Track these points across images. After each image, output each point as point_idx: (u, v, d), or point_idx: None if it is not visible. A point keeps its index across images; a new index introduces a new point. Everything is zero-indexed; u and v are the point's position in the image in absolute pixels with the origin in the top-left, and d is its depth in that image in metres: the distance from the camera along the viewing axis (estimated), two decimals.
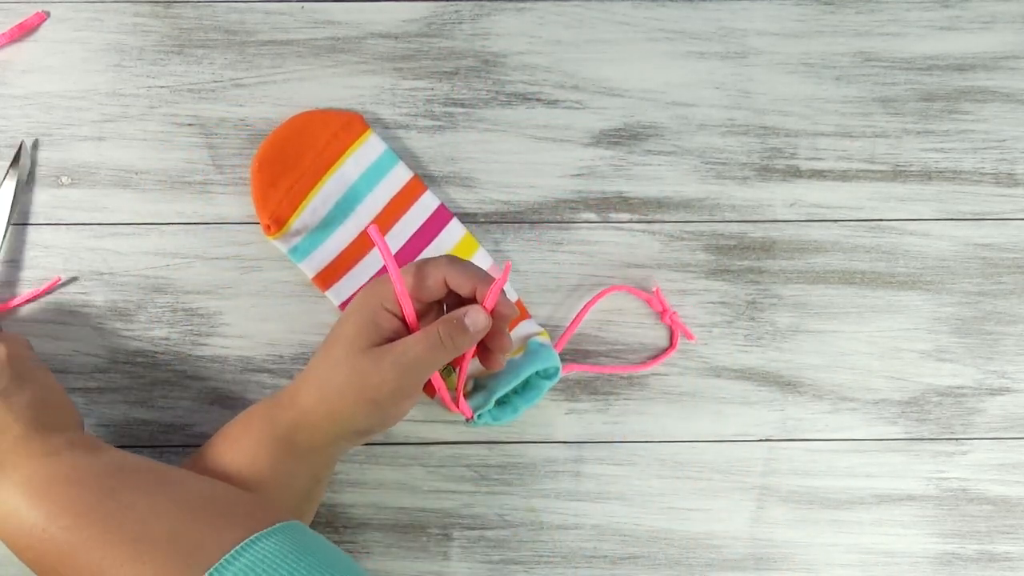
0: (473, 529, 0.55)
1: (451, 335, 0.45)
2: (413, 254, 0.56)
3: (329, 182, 0.56)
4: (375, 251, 0.55)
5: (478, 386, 0.54)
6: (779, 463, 0.56)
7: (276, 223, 0.55)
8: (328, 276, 0.55)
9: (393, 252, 0.55)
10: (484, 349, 0.48)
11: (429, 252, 0.56)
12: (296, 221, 0.55)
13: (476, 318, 0.45)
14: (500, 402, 0.54)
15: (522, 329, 0.55)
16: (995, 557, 0.55)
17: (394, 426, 0.49)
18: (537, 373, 0.54)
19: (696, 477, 0.56)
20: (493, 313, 0.45)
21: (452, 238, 0.56)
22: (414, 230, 0.56)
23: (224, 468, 0.47)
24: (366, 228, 0.47)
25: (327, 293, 0.55)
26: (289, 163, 0.56)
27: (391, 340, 0.45)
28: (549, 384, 0.54)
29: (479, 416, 0.53)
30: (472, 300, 0.46)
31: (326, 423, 0.46)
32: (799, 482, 0.56)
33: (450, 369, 0.51)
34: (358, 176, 0.56)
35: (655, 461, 0.56)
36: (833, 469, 0.56)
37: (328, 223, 0.56)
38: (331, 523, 0.55)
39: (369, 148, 0.56)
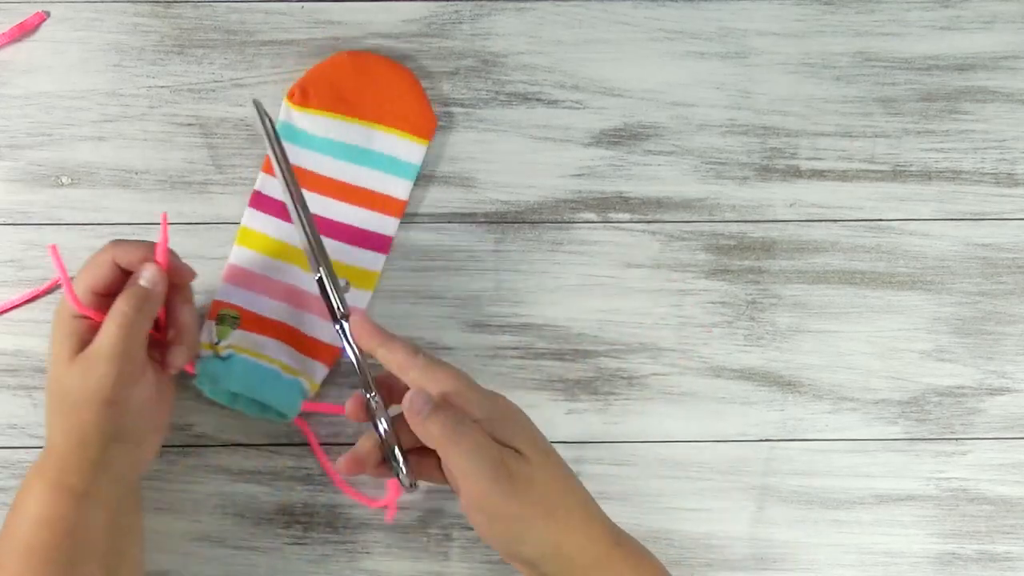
0: (473, 529, 0.55)
1: (133, 303, 0.44)
2: (339, 234, 0.55)
3: (362, 127, 0.56)
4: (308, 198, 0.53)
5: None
6: (779, 463, 0.56)
7: (301, 96, 0.56)
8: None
9: (330, 221, 0.55)
10: (170, 312, 0.48)
11: (341, 253, 0.55)
12: (311, 115, 0.55)
13: (147, 274, 0.45)
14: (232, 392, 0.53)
15: (311, 369, 0.54)
16: (995, 557, 0.55)
17: (164, 430, 0.49)
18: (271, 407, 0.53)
19: (696, 477, 0.56)
20: (167, 268, 0.46)
21: (365, 262, 0.55)
22: (355, 226, 0.55)
23: (15, 536, 0.45)
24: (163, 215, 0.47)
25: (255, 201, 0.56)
26: (361, 82, 0.56)
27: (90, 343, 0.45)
28: (273, 416, 0.53)
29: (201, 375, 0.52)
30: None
31: (84, 449, 0.45)
32: (799, 482, 0.56)
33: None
34: (381, 152, 0.56)
35: (655, 461, 0.56)
36: (833, 469, 0.56)
37: (326, 145, 0.55)
38: (331, 523, 0.55)
39: (412, 149, 0.56)
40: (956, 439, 0.56)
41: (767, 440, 0.56)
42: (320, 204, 0.55)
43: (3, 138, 0.57)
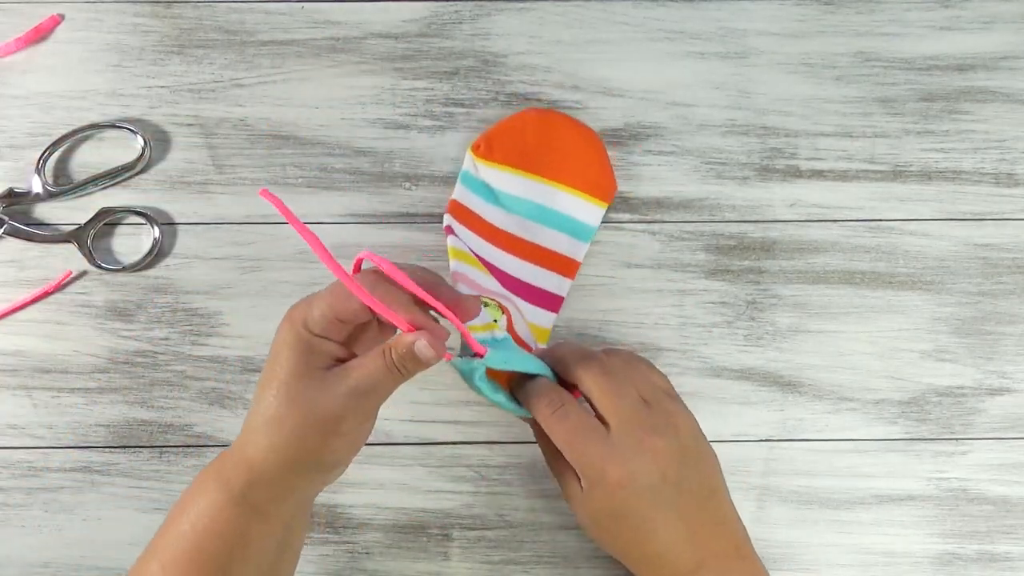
0: (473, 529, 0.55)
1: (403, 362, 0.40)
2: (513, 288, 0.53)
3: (545, 186, 0.56)
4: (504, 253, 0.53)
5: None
6: (779, 463, 0.56)
7: (486, 149, 0.55)
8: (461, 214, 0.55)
9: (499, 278, 0.53)
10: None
11: (514, 309, 0.52)
12: (492, 169, 0.55)
13: (426, 351, 0.40)
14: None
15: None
16: (995, 557, 0.55)
17: (352, 459, 0.45)
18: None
19: None
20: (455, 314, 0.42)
21: (535, 318, 0.54)
22: (530, 283, 0.54)
23: (186, 547, 0.42)
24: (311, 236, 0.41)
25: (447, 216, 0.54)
26: (547, 141, 0.55)
27: (331, 366, 0.41)
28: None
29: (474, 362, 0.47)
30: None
31: (284, 472, 0.41)
32: (799, 482, 0.56)
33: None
34: (563, 212, 0.55)
35: None
36: (833, 469, 0.56)
37: (506, 199, 0.54)
38: (331, 523, 0.55)
39: (592, 211, 0.56)
40: (956, 439, 0.56)
41: (767, 440, 0.56)
42: (496, 257, 0.55)
43: (3, 138, 0.57)
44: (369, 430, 0.44)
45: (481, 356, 0.44)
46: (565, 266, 0.55)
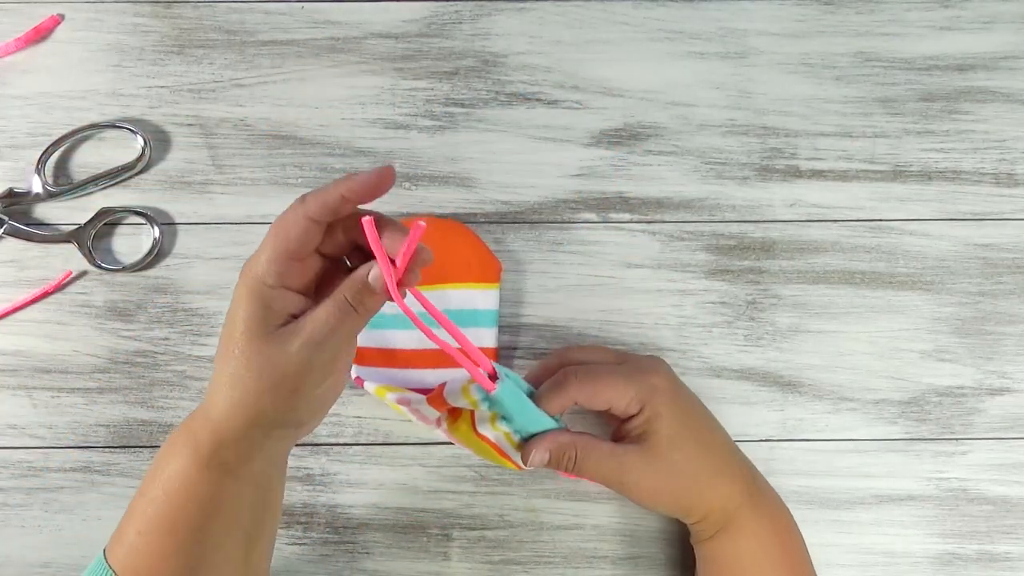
0: (473, 529, 0.55)
1: (359, 299, 0.40)
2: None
3: (434, 291, 0.55)
4: (421, 371, 0.54)
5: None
6: (779, 463, 0.56)
7: None
8: (367, 357, 0.54)
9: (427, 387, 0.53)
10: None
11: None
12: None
13: (376, 273, 0.39)
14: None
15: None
16: (995, 557, 0.55)
17: (326, 413, 0.45)
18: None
19: None
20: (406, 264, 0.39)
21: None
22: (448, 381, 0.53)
23: (160, 511, 0.41)
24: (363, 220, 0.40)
25: (354, 366, 0.54)
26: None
27: (287, 322, 0.40)
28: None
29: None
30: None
31: (250, 430, 0.41)
32: (799, 482, 0.56)
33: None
34: (459, 308, 0.55)
35: None
36: (833, 469, 0.56)
37: (403, 319, 0.52)
38: (331, 523, 0.55)
39: (486, 297, 0.55)
40: (956, 439, 0.56)
41: (767, 440, 0.56)
42: (416, 377, 0.54)
43: (3, 138, 0.57)
44: (337, 387, 0.43)
45: (490, 390, 0.44)
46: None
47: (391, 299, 0.40)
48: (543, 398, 0.47)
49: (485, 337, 0.55)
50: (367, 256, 0.41)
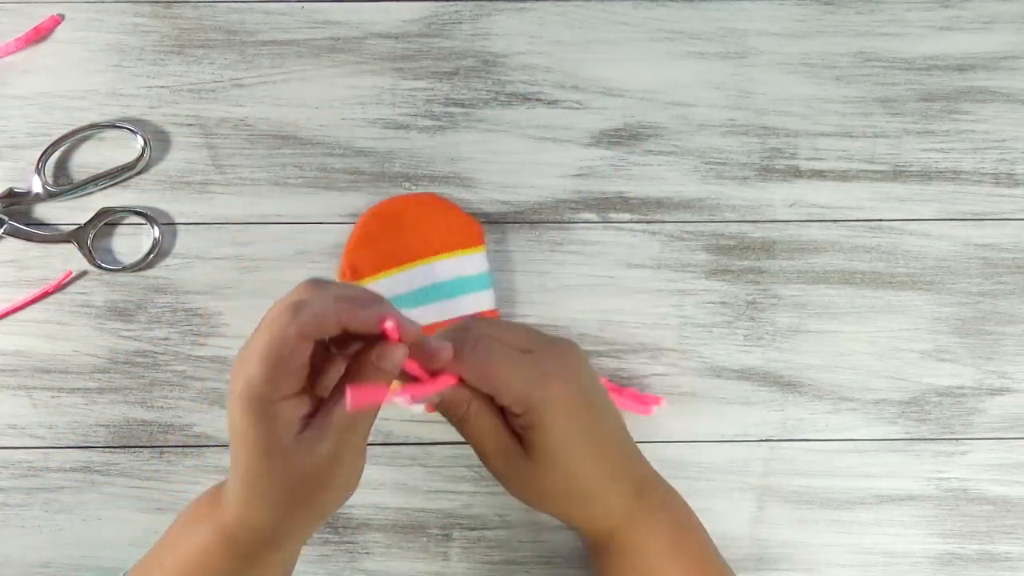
0: (473, 529, 0.55)
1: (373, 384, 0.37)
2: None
3: (421, 267, 0.55)
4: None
5: None
6: (779, 463, 0.56)
7: (352, 273, 0.55)
8: None
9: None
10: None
11: None
12: (371, 283, 0.55)
13: (390, 355, 0.37)
14: None
15: None
16: (995, 557, 0.55)
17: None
18: None
19: (696, 477, 0.56)
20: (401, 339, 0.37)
21: None
22: None
23: None
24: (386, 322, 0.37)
25: None
26: (396, 230, 0.55)
27: (301, 429, 0.38)
28: None
29: None
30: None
31: (279, 527, 0.40)
32: (799, 482, 0.56)
33: None
34: (450, 278, 0.55)
35: (655, 461, 0.55)
36: (833, 469, 0.56)
37: (397, 303, 0.53)
38: (331, 523, 0.55)
39: (473, 261, 0.55)
40: (956, 439, 0.56)
41: (767, 440, 0.56)
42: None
43: (3, 138, 0.57)
44: (362, 466, 0.41)
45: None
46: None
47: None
48: (426, 343, 0.39)
49: (483, 300, 0.55)
50: (348, 338, 0.38)
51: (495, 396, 0.41)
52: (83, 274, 0.56)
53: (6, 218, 0.55)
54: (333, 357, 0.40)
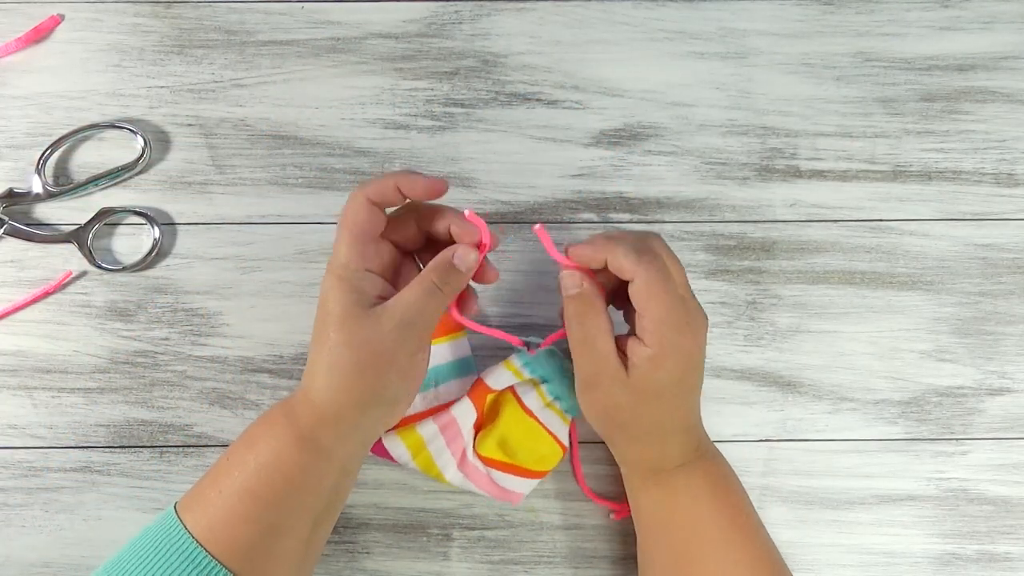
0: (473, 529, 0.55)
1: (444, 279, 0.43)
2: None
3: (460, 339, 0.56)
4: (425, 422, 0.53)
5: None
6: (779, 463, 0.56)
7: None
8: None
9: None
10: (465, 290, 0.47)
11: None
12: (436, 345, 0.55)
13: (465, 256, 0.44)
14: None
15: None
16: (995, 557, 0.55)
17: (415, 394, 0.47)
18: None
19: None
20: (480, 247, 0.44)
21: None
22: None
23: (247, 476, 0.44)
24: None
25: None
26: None
27: (375, 303, 0.43)
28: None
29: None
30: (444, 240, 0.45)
31: (349, 410, 0.44)
32: (799, 482, 0.56)
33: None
34: (442, 363, 0.55)
35: None
36: (833, 469, 0.56)
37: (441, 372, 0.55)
38: None
39: (459, 346, 0.55)
40: (956, 439, 0.56)
41: (767, 440, 0.56)
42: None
43: (3, 138, 0.57)
44: (425, 364, 0.46)
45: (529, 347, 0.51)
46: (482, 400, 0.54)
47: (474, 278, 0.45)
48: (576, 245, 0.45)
49: (468, 385, 0.54)
50: (435, 253, 0.45)
51: (612, 258, 0.44)
52: (83, 274, 0.56)
53: (6, 218, 0.55)
54: (414, 270, 0.47)
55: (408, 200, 0.45)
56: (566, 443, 0.53)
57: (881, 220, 0.58)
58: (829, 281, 0.57)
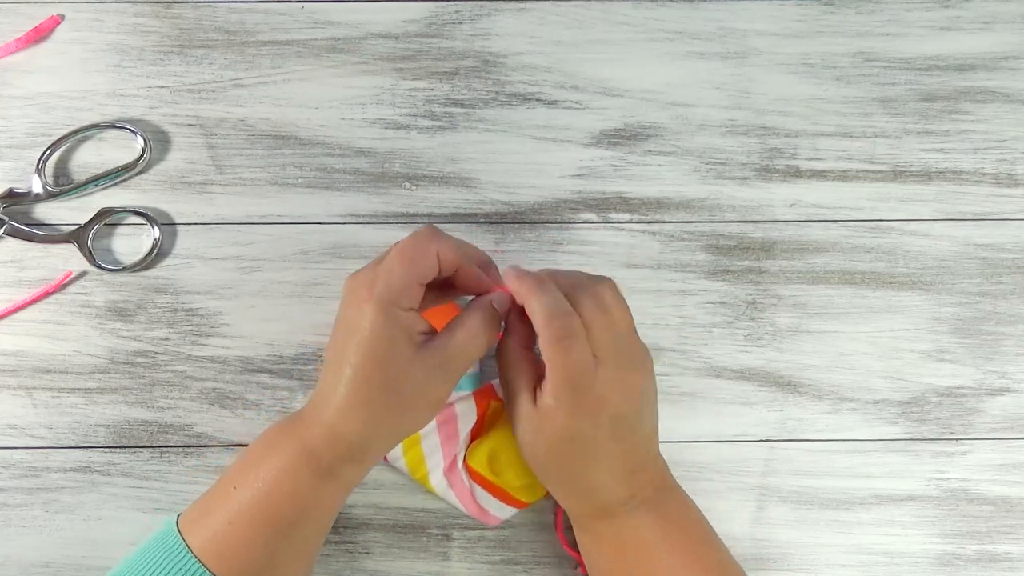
0: (473, 529, 0.55)
1: (486, 322, 0.44)
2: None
3: None
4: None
5: None
6: (779, 463, 0.56)
7: None
8: None
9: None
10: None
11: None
12: None
13: (504, 301, 0.46)
14: None
15: None
16: (995, 557, 0.55)
17: None
18: None
19: (696, 477, 0.56)
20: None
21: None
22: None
23: (260, 506, 0.43)
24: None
25: None
26: None
27: (422, 343, 0.43)
28: None
29: None
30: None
31: (375, 447, 0.44)
32: (799, 482, 0.56)
33: None
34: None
35: None
36: (833, 469, 0.56)
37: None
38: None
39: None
40: (956, 439, 0.56)
41: (767, 440, 0.56)
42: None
43: (3, 138, 0.57)
44: (447, 396, 0.46)
45: None
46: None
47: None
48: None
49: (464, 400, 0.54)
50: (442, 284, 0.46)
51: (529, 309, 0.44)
52: (83, 274, 0.56)
53: (6, 218, 0.55)
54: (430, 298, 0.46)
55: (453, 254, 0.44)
56: None
57: (881, 220, 0.58)
58: (829, 281, 0.57)
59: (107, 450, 0.55)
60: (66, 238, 0.55)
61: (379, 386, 0.42)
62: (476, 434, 0.53)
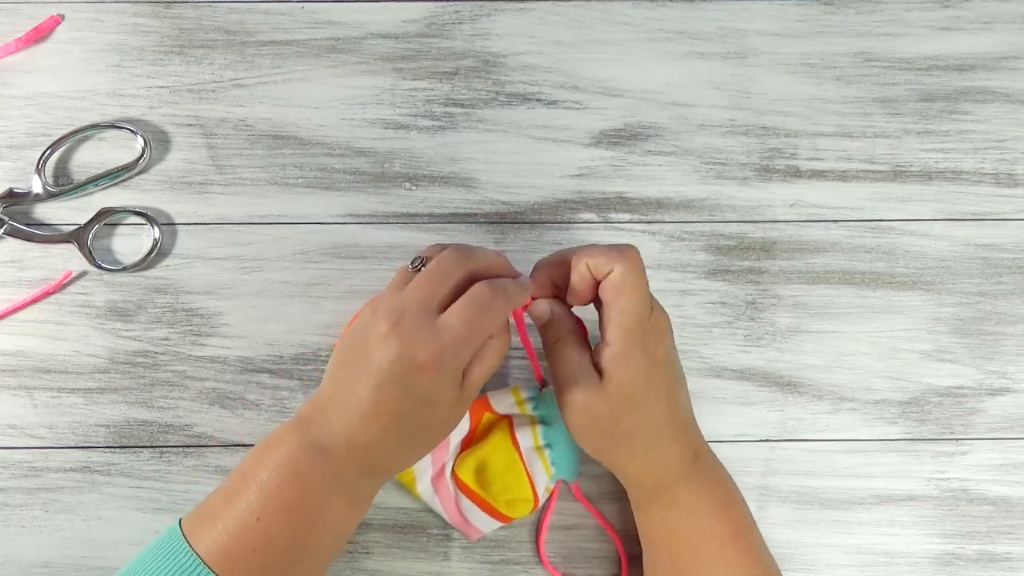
0: None
1: (502, 352, 0.45)
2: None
3: None
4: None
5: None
6: (779, 463, 0.56)
7: None
8: None
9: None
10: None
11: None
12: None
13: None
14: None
15: None
16: (995, 557, 0.55)
17: None
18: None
19: None
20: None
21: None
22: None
23: (284, 532, 0.43)
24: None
25: None
26: None
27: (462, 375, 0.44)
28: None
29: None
30: None
31: (399, 468, 0.46)
32: (799, 482, 0.56)
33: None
34: None
35: None
36: (833, 469, 0.56)
37: None
38: None
39: None
40: (956, 439, 0.56)
41: (767, 440, 0.56)
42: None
43: (3, 138, 0.57)
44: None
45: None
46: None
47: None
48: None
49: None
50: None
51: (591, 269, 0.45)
52: (83, 274, 0.56)
53: (6, 218, 0.55)
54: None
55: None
56: (541, 498, 0.53)
57: (881, 220, 0.58)
58: (829, 281, 0.57)
59: (107, 450, 0.55)
60: (66, 238, 0.55)
61: (420, 429, 0.44)
62: (467, 445, 0.53)
